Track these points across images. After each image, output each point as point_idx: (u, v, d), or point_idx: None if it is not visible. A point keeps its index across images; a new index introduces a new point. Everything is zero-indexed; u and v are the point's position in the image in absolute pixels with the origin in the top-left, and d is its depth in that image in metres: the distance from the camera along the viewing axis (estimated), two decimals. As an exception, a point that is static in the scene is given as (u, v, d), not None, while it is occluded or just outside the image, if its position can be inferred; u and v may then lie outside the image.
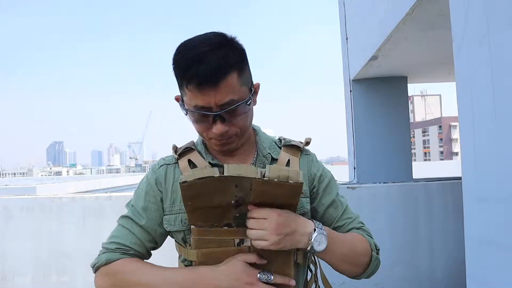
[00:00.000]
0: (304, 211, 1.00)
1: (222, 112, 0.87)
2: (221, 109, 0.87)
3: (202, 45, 0.86)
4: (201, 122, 0.91)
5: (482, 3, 1.39)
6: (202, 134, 0.95)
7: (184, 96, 0.90)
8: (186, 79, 0.86)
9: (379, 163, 4.56)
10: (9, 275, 3.17)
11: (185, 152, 1.01)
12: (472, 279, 1.53)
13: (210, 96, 0.85)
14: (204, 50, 0.85)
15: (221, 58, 0.85)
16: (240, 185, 0.86)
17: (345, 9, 4.74)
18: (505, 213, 1.30)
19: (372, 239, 1.06)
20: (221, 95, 0.86)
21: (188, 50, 0.86)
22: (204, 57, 0.84)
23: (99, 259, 0.95)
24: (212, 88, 0.85)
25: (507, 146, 1.28)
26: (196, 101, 0.86)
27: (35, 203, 3.22)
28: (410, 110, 21.15)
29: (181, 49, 0.88)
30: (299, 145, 1.04)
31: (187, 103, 0.89)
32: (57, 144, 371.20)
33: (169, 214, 0.98)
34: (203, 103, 0.86)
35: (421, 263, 3.26)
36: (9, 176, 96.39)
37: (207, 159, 0.99)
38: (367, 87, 4.69)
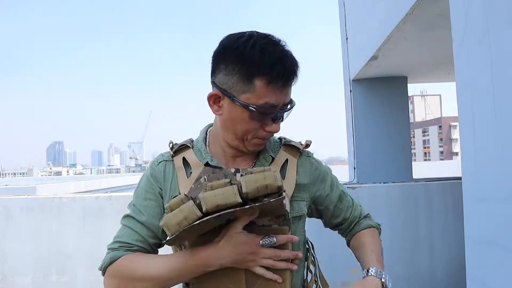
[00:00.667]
0: (302, 213, 1.02)
1: (288, 110, 0.91)
2: (283, 108, 0.91)
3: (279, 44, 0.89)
4: (258, 120, 0.90)
5: (482, 3, 1.39)
6: (247, 133, 0.93)
7: (247, 92, 0.87)
8: (269, 77, 0.85)
9: (379, 163, 4.56)
10: (9, 275, 3.17)
11: (181, 150, 1.01)
12: (472, 279, 1.53)
13: (283, 95, 0.89)
14: (285, 50, 0.88)
15: (295, 58, 0.90)
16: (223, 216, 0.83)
17: (345, 9, 4.74)
18: (505, 213, 1.30)
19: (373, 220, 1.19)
20: (288, 95, 0.91)
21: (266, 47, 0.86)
22: (287, 56, 0.88)
23: (104, 260, 0.94)
24: (287, 88, 0.89)
25: (507, 146, 1.28)
26: (269, 98, 0.87)
27: (35, 203, 3.22)
28: (410, 110, 21.16)
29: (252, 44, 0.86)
30: (299, 146, 1.04)
31: (254, 100, 0.87)
32: (57, 144, 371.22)
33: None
34: (275, 101, 0.88)
35: (421, 263, 3.26)
36: (9, 176, 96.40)
37: (206, 159, 0.98)
38: (367, 87, 4.68)
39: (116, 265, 0.92)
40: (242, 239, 0.87)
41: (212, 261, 0.88)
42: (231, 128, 0.94)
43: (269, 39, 0.88)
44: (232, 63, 0.87)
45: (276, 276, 0.90)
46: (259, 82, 0.86)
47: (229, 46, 0.89)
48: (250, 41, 0.87)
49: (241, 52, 0.86)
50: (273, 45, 0.87)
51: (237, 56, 0.87)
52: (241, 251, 0.87)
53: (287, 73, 0.86)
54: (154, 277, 0.89)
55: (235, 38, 0.89)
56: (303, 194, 1.03)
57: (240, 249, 0.87)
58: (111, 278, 0.92)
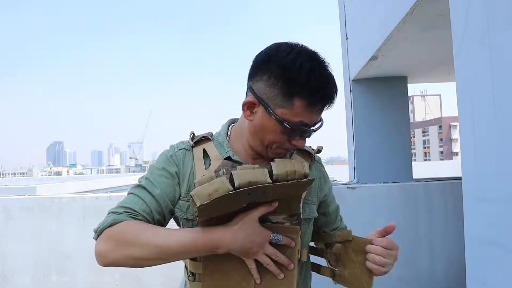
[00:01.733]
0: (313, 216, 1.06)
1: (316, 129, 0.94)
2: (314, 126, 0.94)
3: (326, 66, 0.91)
4: (287, 134, 0.93)
5: (482, 3, 1.39)
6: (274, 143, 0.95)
7: (284, 108, 0.89)
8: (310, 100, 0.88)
9: (379, 163, 4.56)
10: (9, 275, 3.17)
11: (201, 141, 1.02)
12: (472, 279, 1.53)
13: (317, 115, 0.92)
14: (331, 74, 0.91)
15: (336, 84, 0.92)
16: (253, 193, 0.85)
17: (345, 9, 4.74)
18: (505, 213, 1.30)
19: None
20: (320, 115, 0.95)
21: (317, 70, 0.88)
22: (331, 82, 0.90)
23: (105, 221, 0.90)
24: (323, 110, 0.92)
25: (507, 146, 1.28)
26: (304, 118, 0.90)
27: (35, 203, 3.22)
28: (410, 110, 21.16)
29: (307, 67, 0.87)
30: (311, 152, 1.08)
31: (289, 117, 0.89)
32: (57, 144, 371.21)
33: (183, 201, 0.98)
34: (309, 121, 0.91)
35: (421, 263, 3.26)
36: (9, 176, 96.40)
37: (228, 153, 0.99)
38: (367, 87, 4.69)
39: (116, 228, 0.88)
40: (257, 229, 0.88)
41: (223, 243, 0.86)
42: (259, 135, 0.95)
43: (317, 61, 0.90)
44: (276, 77, 0.88)
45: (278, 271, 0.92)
46: (299, 102, 0.87)
47: (276, 59, 0.89)
48: (298, 60, 0.87)
49: (288, 70, 0.87)
50: (320, 69, 0.89)
51: (283, 72, 0.87)
52: (252, 239, 0.87)
53: (328, 99, 0.90)
54: (158, 246, 0.85)
55: (284, 53, 0.89)
56: (314, 198, 1.06)
57: (252, 238, 0.87)
58: (105, 241, 0.87)
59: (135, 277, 3.13)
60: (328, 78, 0.89)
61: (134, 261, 0.86)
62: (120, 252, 0.85)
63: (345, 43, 4.86)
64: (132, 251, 0.85)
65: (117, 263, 0.87)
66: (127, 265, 0.87)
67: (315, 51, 0.92)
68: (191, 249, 0.86)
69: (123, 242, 0.86)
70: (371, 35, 3.64)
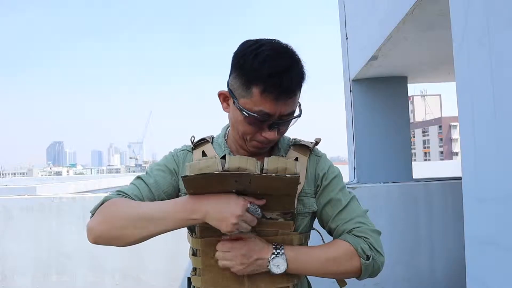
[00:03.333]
0: (313, 210, 1.04)
1: (283, 121, 0.93)
2: (281, 118, 0.93)
3: (284, 56, 0.90)
4: (254, 125, 0.94)
5: (482, 3, 1.39)
6: (245, 135, 0.98)
7: (245, 98, 0.91)
8: (262, 86, 0.88)
9: (379, 163, 4.56)
10: (9, 275, 3.17)
11: (200, 144, 1.07)
12: (472, 279, 1.53)
13: (280, 106, 0.90)
14: (287, 63, 0.89)
15: (300, 74, 0.92)
16: (239, 180, 0.87)
17: (345, 9, 4.74)
18: (505, 213, 1.30)
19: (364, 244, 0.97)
20: (288, 107, 0.92)
21: (268, 57, 0.88)
22: (288, 70, 0.88)
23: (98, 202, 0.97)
24: (286, 101, 0.90)
25: (507, 146, 1.28)
26: (263, 107, 0.90)
27: (35, 203, 3.22)
28: (410, 110, 21.15)
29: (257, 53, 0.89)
30: (309, 145, 1.07)
31: (249, 106, 0.91)
32: (57, 144, 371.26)
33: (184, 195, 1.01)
34: (270, 111, 0.91)
35: (421, 263, 3.26)
36: (9, 176, 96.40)
37: (225, 152, 1.03)
38: (367, 87, 4.69)
39: (105, 204, 0.95)
40: (234, 198, 0.90)
41: (200, 206, 0.89)
42: (235, 127, 0.99)
43: (277, 51, 0.90)
44: (238, 68, 0.92)
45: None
46: (255, 90, 0.89)
47: (239, 51, 0.94)
48: (257, 50, 0.90)
49: (245, 60, 0.90)
50: (277, 58, 0.89)
51: (242, 62, 0.91)
52: (228, 206, 0.88)
53: (283, 86, 0.88)
54: (139, 213, 0.90)
55: (247, 45, 0.93)
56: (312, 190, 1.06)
57: (228, 205, 0.88)
58: (94, 217, 0.94)
59: (135, 277, 3.13)
60: (286, 66, 0.88)
61: (119, 232, 0.91)
62: (105, 224, 0.91)
63: (345, 43, 4.86)
64: (116, 221, 0.90)
65: (104, 237, 0.92)
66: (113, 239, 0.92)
67: (282, 45, 0.93)
68: (170, 214, 0.90)
69: (109, 214, 0.92)
70: (371, 35, 3.64)
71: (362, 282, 3.16)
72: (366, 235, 0.98)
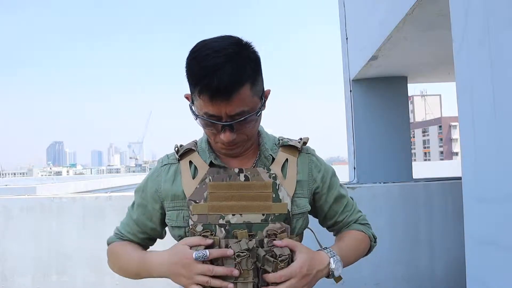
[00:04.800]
0: (305, 210, 1.03)
1: (232, 123, 0.89)
2: (231, 119, 0.88)
3: (218, 55, 0.85)
4: (209, 128, 0.93)
5: (482, 3, 1.39)
6: (209, 138, 0.98)
7: (195, 101, 0.91)
8: (198, 88, 0.86)
9: (379, 163, 4.56)
10: (9, 275, 3.17)
11: (186, 153, 1.04)
12: (472, 279, 1.53)
13: (221, 107, 0.87)
14: (218, 62, 0.84)
15: (236, 72, 0.85)
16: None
17: (345, 9, 4.74)
18: (505, 213, 1.30)
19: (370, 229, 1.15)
20: (232, 107, 0.87)
21: (203, 58, 0.85)
22: (218, 69, 0.84)
23: (109, 239, 1.14)
24: (224, 101, 0.86)
25: (507, 146, 1.28)
26: (207, 109, 0.88)
27: (35, 203, 3.22)
28: (410, 110, 21.14)
29: (196, 55, 0.87)
30: (297, 145, 1.05)
31: (198, 109, 0.91)
32: (57, 144, 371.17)
33: (172, 210, 1.01)
34: (214, 112, 0.88)
35: (421, 263, 3.26)
36: (9, 176, 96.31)
37: (210, 158, 1.01)
38: (367, 87, 4.68)
39: (110, 247, 1.12)
40: (179, 248, 0.93)
41: (154, 267, 0.98)
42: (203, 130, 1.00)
43: (214, 51, 0.85)
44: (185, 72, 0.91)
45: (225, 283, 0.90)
46: (196, 93, 0.88)
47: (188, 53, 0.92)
48: (196, 52, 0.88)
49: (187, 63, 0.89)
50: (212, 58, 0.84)
51: (185, 65, 0.90)
52: (177, 261, 0.92)
53: (214, 87, 0.83)
54: (123, 267, 1.07)
55: (193, 46, 0.90)
56: (305, 190, 1.04)
57: (175, 259, 0.92)
58: (108, 253, 1.12)
59: (135, 277, 3.13)
60: (217, 65, 0.83)
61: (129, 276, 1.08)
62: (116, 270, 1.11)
63: (345, 43, 4.86)
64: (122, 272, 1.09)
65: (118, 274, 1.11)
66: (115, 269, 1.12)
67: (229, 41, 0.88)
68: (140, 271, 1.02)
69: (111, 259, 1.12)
70: (371, 35, 3.64)
71: (363, 282, 3.16)
72: (367, 222, 1.16)
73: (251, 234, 0.94)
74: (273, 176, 0.99)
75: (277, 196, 0.97)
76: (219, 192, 0.96)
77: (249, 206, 0.95)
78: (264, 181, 0.97)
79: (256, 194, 0.96)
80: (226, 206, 0.95)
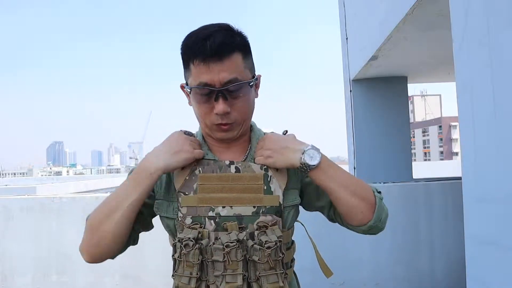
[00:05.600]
0: (297, 202, 1.01)
1: (225, 87, 0.89)
2: (225, 86, 0.89)
3: (209, 27, 0.91)
4: (203, 102, 0.92)
5: (482, 3, 1.39)
6: (204, 120, 0.95)
7: (189, 78, 0.92)
8: (192, 55, 0.89)
9: (379, 163, 4.56)
10: (9, 275, 3.17)
11: None
12: (472, 279, 1.53)
13: (214, 72, 0.88)
14: (211, 30, 0.89)
15: (227, 37, 0.89)
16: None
17: (345, 9, 4.74)
18: (505, 213, 1.30)
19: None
20: (226, 72, 0.88)
21: (196, 32, 0.90)
22: (211, 35, 0.88)
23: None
24: (218, 64, 0.88)
25: (507, 146, 1.28)
26: (201, 77, 0.89)
27: (35, 203, 3.22)
28: (410, 110, 21.13)
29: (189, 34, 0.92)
30: None
31: (192, 82, 0.91)
32: (57, 144, 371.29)
33: (162, 200, 0.98)
34: (207, 79, 0.88)
35: (421, 263, 3.26)
36: (9, 176, 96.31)
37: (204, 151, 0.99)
38: (367, 87, 4.69)
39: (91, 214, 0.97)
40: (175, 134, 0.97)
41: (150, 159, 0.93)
42: (197, 117, 0.99)
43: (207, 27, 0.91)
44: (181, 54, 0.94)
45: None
46: (191, 63, 0.90)
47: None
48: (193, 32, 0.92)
49: (181, 44, 0.93)
50: (205, 29, 0.90)
51: (181, 46, 0.93)
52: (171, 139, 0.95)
53: (207, 48, 0.87)
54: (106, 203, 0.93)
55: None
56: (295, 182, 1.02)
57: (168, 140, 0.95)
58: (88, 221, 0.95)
59: (135, 277, 3.13)
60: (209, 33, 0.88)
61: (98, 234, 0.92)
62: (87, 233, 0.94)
63: (345, 43, 4.86)
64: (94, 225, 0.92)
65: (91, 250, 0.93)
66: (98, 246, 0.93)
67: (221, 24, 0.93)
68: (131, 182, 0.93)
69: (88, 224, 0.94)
70: (371, 35, 3.64)
71: (363, 282, 3.16)
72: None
73: (241, 226, 0.92)
74: (264, 168, 0.97)
75: (268, 188, 0.95)
76: (209, 184, 0.94)
77: (239, 198, 0.93)
78: (255, 173, 0.96)
79: (247, 186, 0.94)
80: (216, 198, 0.93)
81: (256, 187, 0.94)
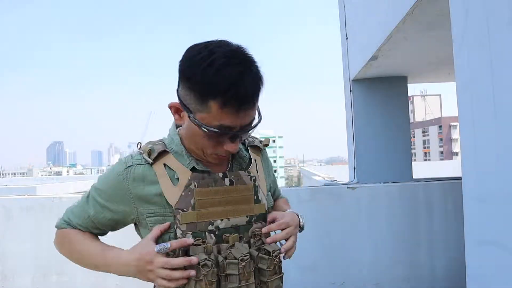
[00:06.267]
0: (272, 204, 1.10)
1: (246, 132, 0.87)
2: (242, 129, 0.86)
3: (236, 61, 0.82)
4: (214, 139, 0.88)
5: (482, 3, 1.39)
6: (207, 150, 0.92)
7: (202, 112, 0.84)
8: (222, 100, 0.81)
9: (379, 163, 4.56)
10: (9, 275, 3.17)
11: (159, 155, 0.95)
12: (472, 279, 1.53)
13: (240, 117, 0.84)
14: (240, 70, 0.81)
15: (257, 80, 0.84)
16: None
17: (345, 9, 4.74)
18: (505, 213, 1.30)
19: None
20: (249, 116, 0.86)
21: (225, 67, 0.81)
22: (241, 78, 0.81)
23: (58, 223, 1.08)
24: (247, 110, 0.84)
25: (507, 146, 1.28)
26: (224, 120, 0.83)
27: (35, 203, 3.22)
28: (410, 110, 21.13)
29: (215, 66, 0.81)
30: (260, 146, 1.11)
31: (208, 121, 0.84)
32: (57, 144, 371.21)
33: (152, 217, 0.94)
34: (231, 123, 0.84)
35: (421, 263, 3.26)
36: (9, 176, 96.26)
37: (191, 163, 0.95)
38: (367, 87, 4.69)
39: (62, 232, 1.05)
40: (142, 243, 0.92)
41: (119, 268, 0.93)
42: (192, 140, 0.93)
43: (229, 58, 0.82)
44: (189, 80, 0.84)
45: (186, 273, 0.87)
46: (213, 104, 0.82)
47: (188, 60, 0.85)
48: (208, 59, 0.81)
49: (196, 71, 0.82)
50: (231, 66, 0.81)
51: (193, 74, 0.82)
52: (140, 257, 0.89)
53: (242, 97, 0.81)
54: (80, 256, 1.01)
55: (196, 52, 0.84)
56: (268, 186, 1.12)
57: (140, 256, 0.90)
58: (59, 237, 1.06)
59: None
60: (241, 74, 0.81)
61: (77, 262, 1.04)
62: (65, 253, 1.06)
63: (345, 43, 4.86)
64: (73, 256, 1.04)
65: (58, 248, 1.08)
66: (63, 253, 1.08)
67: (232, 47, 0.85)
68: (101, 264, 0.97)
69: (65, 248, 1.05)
70: (371, 35, 3.64)
71: (363, 282, 3.16)
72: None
73: (239, 236, 0.96)
74: (253, 179, 1.01)
75: (257, 197, 1.01)
76: (206, 199, 0.94)
77: (236, 210, 0.97)
78: (246, 184, 1.00)
79: (241, 197, 0.98)
80: (214, 212, 0.95)
81: (248, 197, 1.00)
